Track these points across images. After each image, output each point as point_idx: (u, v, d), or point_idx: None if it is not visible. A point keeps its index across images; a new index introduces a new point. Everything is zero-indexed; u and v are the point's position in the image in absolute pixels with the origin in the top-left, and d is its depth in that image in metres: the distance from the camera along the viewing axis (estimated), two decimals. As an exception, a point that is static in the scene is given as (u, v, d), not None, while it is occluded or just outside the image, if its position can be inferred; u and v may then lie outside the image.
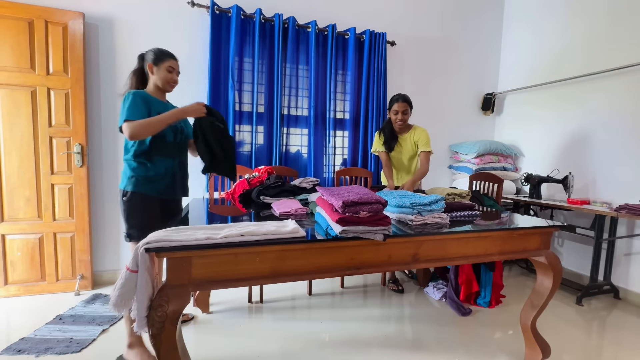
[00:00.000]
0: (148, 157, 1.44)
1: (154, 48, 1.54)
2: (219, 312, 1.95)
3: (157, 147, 1.46)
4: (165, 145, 1.49)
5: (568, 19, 2.77)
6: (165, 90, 1.55)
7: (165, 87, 1.53)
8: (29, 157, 2.05)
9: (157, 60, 1.50)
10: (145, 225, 1.39)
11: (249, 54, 2.52)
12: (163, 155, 1.48)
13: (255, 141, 2.54)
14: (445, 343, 1.70)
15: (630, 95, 2.33)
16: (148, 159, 1.44)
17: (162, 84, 1.51)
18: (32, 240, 2.09)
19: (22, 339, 1.60)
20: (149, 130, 1.35)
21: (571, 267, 2.72)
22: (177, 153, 1.57)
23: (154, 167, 1.45)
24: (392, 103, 2.20)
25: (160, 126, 1.37)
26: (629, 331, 1.90)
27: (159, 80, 1.51)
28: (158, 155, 1.47)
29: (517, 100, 3.25)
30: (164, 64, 1.50)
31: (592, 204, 2.34)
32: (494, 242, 1.28)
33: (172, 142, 1.52)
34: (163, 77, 1.51)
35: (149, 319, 0.89)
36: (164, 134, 1.47)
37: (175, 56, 1.57)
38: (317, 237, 1.03)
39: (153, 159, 1.46)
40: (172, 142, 1.52)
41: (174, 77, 1.55)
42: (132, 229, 1.43)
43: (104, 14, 2.23)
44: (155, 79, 1.51)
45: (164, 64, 1.50)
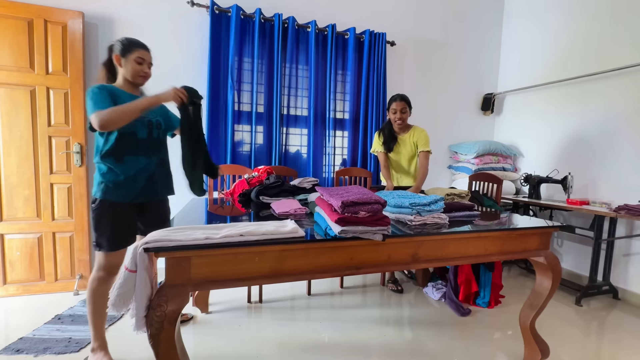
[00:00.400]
0: (117, 157, 1.33)
1: (122, 38, 1.40)
2: (218, 312, 1.95)
3: (127, 145, 1.34)
4: (136, 142, 1.37)
5: (568, 19, 2.77)
6: (136, 83, 1.42)
7: (135, 80, 1.40)
8: (28, 157, 2.05)
9: (125, 50, 1.37)
10: (114, 235, 1.34)
11: (248, 54, 2.52)
12: (134, 154, 1.37)
13: (254, 141, 2.54)
14: (445, 343, 1.70)
15: (629, 96, 2.33)
16: (117, 159, 1.33)
17: (131, 76, 1.38)
18: (31, 240, 2.09)
19: (21, 339, 1.60)
20: (121, 117, 1.23)
21: (570, 268, 2.72)
22: (154, 151, 1.45)
23: (123, 170, 1.34)
24: (391, 102, 2.22)
25: (133, 113, 1.25)
26: (627, 332, 1.90)
27: (127, 73, 1.38)
28: (129, 154, 1.35)
29: (517, 101, 3.25)
30: (132, 54, 1.37)
31: (592, 205, 2.35)
32: (494, 242, 1.28)
33: (144, 139, 1.40)
34: (132, 70, 1.38)
35: (147, 318, 0.89)
36: (134, 130, 1.36)
37: (146, 45, 1.43)
38: (316, 237, 1.03)
39: (123, 159, 1.34)
40: (144, 139, 1.40)
41: (144, 68, 1.41)
42: (101, 238, 1.34)
43: (104, 14, 2.23)
44: (124, 71, 1.38)
45: (131, 55, 1.37)
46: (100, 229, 1.34)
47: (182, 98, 1.35)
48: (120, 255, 1.38)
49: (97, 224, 1.34)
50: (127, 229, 1.40)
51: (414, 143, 2.24)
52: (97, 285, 1.35)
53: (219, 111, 2.46)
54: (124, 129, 1.32)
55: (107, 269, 1.35)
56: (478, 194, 2.39)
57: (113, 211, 1.34)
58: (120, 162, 1.34)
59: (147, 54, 1.42)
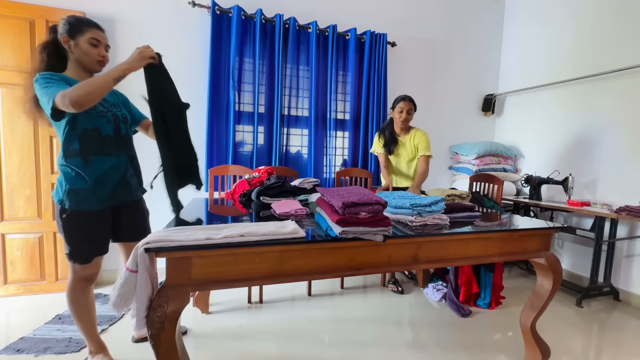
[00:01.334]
0: (83, 158, 1.19)
1: (68, 16, 1.20)
2: (218, 313, 1.95)
3: (92, 144, 1.20)
4: (101, 140, 1.22)
5: (568, 20, 2.77)
6: (92, 70, 1.24)
7: (91, 67, 1.22)
8: (29, 157, 2.05)
9: (74, 31, 1.16)
10: (89, 247, 1.25)
11: (249, 54, 2.52)
12: (101, 153, 1.22)
13: (255, 141, 2.54)
14: (445, 344, 1.70)
15: (631, 96, 2.33)
16: (83, 160, 1.19)
17: (87, 62, 1.20)
18: (32, 240, 2.09)
19: (21, 339, 1.60)
20: (96, 89, 1.06)
21: (571, 269, 2.72)
22: (123, 149, 1.31)
23: (90, 173, 1.20)
24: (398, 102, 2.20)
25: (107, 84, 1.08)
26: (629, 333, 1.90)
27: (80, 58, 1.19)
28: (94, 154, 1.21)
29: (518, 102, 3.25)
30: (84, 35, 1.17)
31: (593, 206, 2.34)
32: (494, 243, 1.28)
33: (111, 135, 1.25)
34: (85, 53, 1.18)
35: (148, 319, 0.89)
36: (98, 126, 1.21)
37: (99, 24, 1.23)
38: (317, 238, 1.03)
39: (88, 159, 1.19)
40: (111, 135, 1.25)
41: (101, 51, 1.22)
42: (74, 250, 1.23)
43: (105, 14, 2.23)
44: (76, 56, 1.19)
45: (83, 36, 1.17)
46: (72, 241, 1.23)
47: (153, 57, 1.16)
48: (97, 265, 1.31)
49: (68, 236, 1.22)
50: (102, 238, 1.30)
51: (415, 146, 2.24)
52: (77, 293, 1.29)
53: (220, 111, 2.46)
54: (86, 124, 1.18)
55: (86, 278, 1.29)
56: (479, 195, 2.39)
57: (86, 222, 1.23)
58: (85, 163, 1.19)
59: (101, 34, 1.23)
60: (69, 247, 1.24)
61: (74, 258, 1.25)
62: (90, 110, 1.18)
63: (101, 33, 1.24)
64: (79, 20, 1.20)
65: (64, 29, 1.18)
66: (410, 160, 2.28)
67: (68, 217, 1.21)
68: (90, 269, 1.29)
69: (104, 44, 1.25)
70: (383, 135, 2.29)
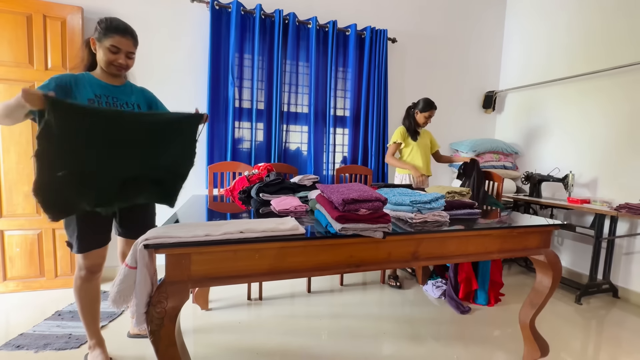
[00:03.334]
0: None
1: (105, 18, 1.24)
2: (218, 309, 1.95)
3: None
4: None
5: (570, 17, 2.75)
6: (109, 72, 1.27)
7: (108, 69, 1.26)
8: (27, 153, 2.04)
9: (101, 35, 1.22)
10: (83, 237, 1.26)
11: (249, 50, 2.50)
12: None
13: (255, 138, 2.53)
14: (444, 341, 1.70)
15: (632, 94, 2.32)
16: None
17: (104, 65, 1.25)
18: (31, 236, 2.08)
19: (21, 335, 1.60)
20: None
21: (570, 266, 2.72)
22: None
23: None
24: (429, 108, 2.40)
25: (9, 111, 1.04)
26: (627, 330, 1.90)
27: (101, 60, 1.24)
28: None
29: (518, 99, 3.24)
30: (107, 40, 1.22)
31: (592, 203, 2.34)
32: (494, 240, 1.28)
33: None
34: (104, 58, 1.23)
35: (147, 315, 0.89)
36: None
37: (128, 30, 1.25)
38: (316, 235, 1.03)
39: None
40: None
41: (119, 59, 1.25)
42: (71, 238, 1.27)
43: (103, 9, 2.21)
44: (99, 57, 1.24)
45: (107, 41, 1.22)
46: (69, 229, 1.27)
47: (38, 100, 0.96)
48: (98, 256, 1.32)
49: (66, 224, 1.27)
50: (98, 231, 1.31)
51: (430, 141, 2.57)
52: (81, 283, 1.31)
53: (219, 108, 2.45)
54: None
55: (88, 268, 1.31)
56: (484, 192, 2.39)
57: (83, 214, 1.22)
58: None
59: (124, 41, 1.24)
60: (68, 236, 1.28)
61: (70, 245, 1.28)
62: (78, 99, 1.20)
63: (124, 40, 1.25)
64: (108, 24, 1.23)
65: (96, 32, 1.23)
66: (426, 151, 2.54)
67: None
68: (91, 259, 1.30)
69: (125, 50, 1.26)
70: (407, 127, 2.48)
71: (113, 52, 1.23)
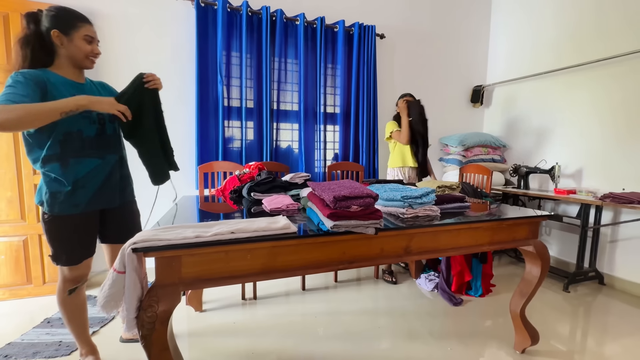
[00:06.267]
0: (62, 162, 1.13)
1: (53, 8, 1.12)
2: (212, 310, 1.94)
3: (72, 146, 1.14)
4: (82, 142, 1.16)
5: (555, 10, 2.79)
6: (83, 66, 1.19)
7: (83, 63, 1.18)
8: (9, 158, 1.98)
9: (67, 27, 1.12)
10: (72, 251, 1.21)
11: (236, 48, 2.47)
12: (81, 155, 1.17)
13: (245, 137, 2.50)
14: (438, 333, 1.73)
15: (616, 86, 2.38)
16: (62, 164, 1.13)
17: (79, 58, 1.16)
18: (16, 243, 2.03)
19: (9, 344, 1.56)
20: (31, 120, 0.98)
21: (558, 255, 2.79)
22: (109, 149, 1.26)
23: (69, 177, 1.15)
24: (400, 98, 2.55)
25: (49, 115, 1.01)
26: (613, 315, 1.97)
27: (74, 54, 1.14)
28: (74, 157, 1.15)
29: (505, 92, 3.28)
30: (78, 31, 1.13)
31: (578, 194, 2.40)
32: (484, 233, 1.30)
33: (93, 136, 1.20)
34: (80, 50, 1.14)
35: (138, 320, 0.87)
36: (80, 128, 1.15)
37: (88, 18, 1.19)
38: (308, 233, 1.03)
39: (68, 162, 1.14)
40: (93, 136, 1.20)
41: (95, 48, 1.18)
42: (57, 253, 1.21)
43: (84, 7, 2.13)
44: (69, 52, 1.14)
45: (78, 33, 1.13)
46: (55, 244, 1.20)
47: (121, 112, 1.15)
48: (85, 266, 1.28)
49: (51, 239, 1.19)
50: (86, 241, 1.26)
51: None
52: (66, 296, 1.26)
53: (208, 107, 2.41)
54: (68, 127, 1.12)
55: (73, 279, 1.26)
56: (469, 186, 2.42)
57: (67, 226, 1.19)
58: (65, 166, 1.14)
59: (93, 29, 1.19)
60: (52, 250, 1.22)
61: (57, 260, 1.22)
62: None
63: (92, 28, 1.20)
64: (70, 14, 1.14)
65: (52, 22, 1.11)
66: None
67: (49, 220, 1.18)
68: (77, 270, 1.26)
69: (96, 39, 1.21)
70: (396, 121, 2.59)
71: (89, 41, 1.16)
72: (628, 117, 2.31)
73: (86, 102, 1.08)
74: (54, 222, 1.18)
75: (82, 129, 1.17)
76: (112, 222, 1.35)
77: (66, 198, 1.17)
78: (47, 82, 1.10)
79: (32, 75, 1.07)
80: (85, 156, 1.19)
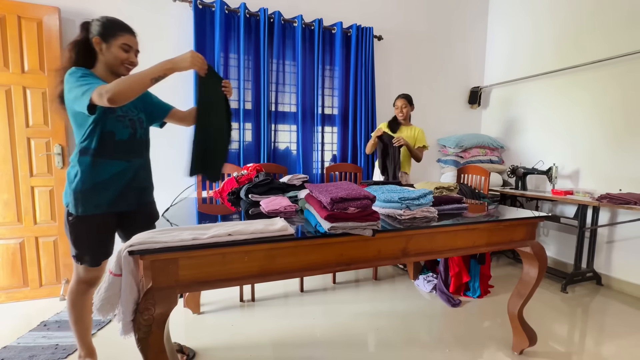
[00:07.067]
0: (92, 159, 1.18)
1: (102, 17, 1.20)
2: (209, 312, 1.93)
3: (104, 147, 1.18)
4: (114, 144, 1.20)
5: (552, 11, 2.81)
6: (118, 73, 1.23)
7: (118, 70, 1.22)
8: (5, 160, 1.97)
9: (107, 34, 1.17)
10: (95, 250, 1.25)
11: (234, 50, 2.47)
12: (110, 157, 1.20)
13: (243, 138, 2.50)
14: (436, 334, 1.73)
15: (613, 87, 2.39)
16: (92, 162, 1.18)
17: (114, 66, 1.20)
18: (13, 246, 2.01)
19: (5, 348, 1.55)
20: (133, 87, 1.06)
21: (556, 256, 2.80)
22: (137, 153, 1.29)
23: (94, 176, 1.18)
24: (395, 100, 2.54)
25: (144, 83, 1.08)
26: (611, 316, 1.97)
27: (110, 61, 1.19)
28: (103, 157, 1.19)
29: (503, 94, 3.30)
30: (117, 40, 1.18)
31: (575, 194, 2.41)
32: (481, 234, 1.30)
33: (125, 140, 1.23)
34: (116, 58, 1.19)
35: (135, 322, 0.87)
36: (112, 130, 1.19)
37: (132, 28, 1.24)
38: (306, 235, 1.03)
39: (96, 161, 1.18)
40: (125, 140, 1.23)
41: (131, 57, 1.23)
42: (81, 253, 1.24)
43: (81, 9, 2.14)
44: (106, 58, 1.19)
45: (116, 41, 1.18)
46: (78, 244, 1.23)
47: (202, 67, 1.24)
48: (101, 269, 1.31)
49: (75, 240, 1.23)
50: (107, 241, 1.29)
51: (414, 138, 2.51)
52: (78, 296, 1.29)
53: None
54: (104, 127, 1.17)
55: (88, 281, 1.29)
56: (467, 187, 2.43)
57: (90, 226, 1.22)
58: (93, 165, 1.18)
59: (133, 39, 1.23)
60: (76, 251, 1.24)
61: (80, 260, 1.25)
62: (110, 114, 1.18)
63: (133, 38, 1.24)
64: (113, 24, 1.20)
65: (97, 30, 1.17)
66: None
67: (73, 221, 1.21)
68: (94, 272, 1.29)
69: (135, 49, 1.25)
70: (389, 122, 2.57)
71: (125, 50, 1.21)
72: (624, 119, 2.32)
73: (170, 65, 1.13)
74: (77, 223, 1.21)
75: (115, 132, 1.21)
76: (129, 223, 1.35)
77: (89, 198, 1.19)
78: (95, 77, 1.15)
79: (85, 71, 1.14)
80: (114, 158, 1.22)
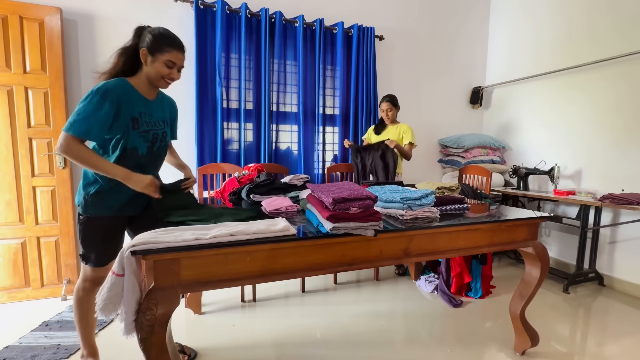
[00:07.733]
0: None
1: (155, 29, 1.20)
2: (211, 313, 1.93)
3: (125, 160, 1.20)
4: (136, 159, 1.23)
5: (553, 12, 2.81)
6: (157, 86, 1.26)
7: (158, 82, 1.24)
8: (7, 160, 1.97)
9: (155, 48, 1.18)
10: (103, 251, 1.26)
11: (235, 50, 2.47)
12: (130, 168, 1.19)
13: (244, 139, 2.50)
14: (438, 335, 1.73)
15: (614, 87, 2.38)
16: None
17: (154, 79, 1.22)
18: (15, 246, 2.02)
19: (7, 347, 1.55)
20: (83, 165, 1.10)
21: (558, 256, 2.79)
22: (152, 166, 1.33)
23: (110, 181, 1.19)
24: (380, 103, 2.55)
25: (96, 170, 1.11)
26: (613, 317, 1.96)
27: (151, 74, 1.21)
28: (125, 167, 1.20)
29: (504, 94, 3.29)
30: (163, 55, 1.18)
31: (577, 195, 2.40)
32: (484, 234, 1.29)
33: (144, 154, 1.25)
34: (157, 72, 1.20)
35: (137, 322, 0.87)
36: (136, 146, 1.21)
37: (182, 45, 1.25)
38: (308, 235, 1.02)
39: None
40: (144, 154, 1.25)
41: (173, 73, 1.24)
42: (88, 253, 1.25)
43: (83, 9, 2.15)
44: (148, 71, 1.20)
45: (162, 56, 1.18)
46: (87, 244, 1.25)
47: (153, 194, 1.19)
48: (107, 268, 1.30)
49: (83, 239, 1.25)
50: (116, 243, 1.32)
51: (400, 136, 2.50)
52: (84, 294, 1.30)
53: (207, 109, 2.41)
54: (128, 144, 1.19)
55: (94, 280, 1.29)
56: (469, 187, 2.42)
57: (100, 227, 1.24)
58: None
59: (180, 56, 1.24)
60: (83, 249, 1.26)
61: (87, 259, 1.27)
62: (134, 130, 1.20)
63: (180, 55, 1.24)
64: (164, 38, 1.20)
65: (146, 42, 1.18)
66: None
67: (84, 221, 1.23)
68: (100, 271, 1.29)
69: (179, 65, 1.25)
70: (375, 125, 2.62)
71: (169, 66, 1.21)
72: (626, 119, 2.31)
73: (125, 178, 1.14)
74: (91, 223, 1.23)
75: (138, 147, 1.23)
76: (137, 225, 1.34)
77: (102, 199, 1.22)
78: (123, 100, 1.15)
79: (113, 95, 1.12)
80: (134, 169, 1.20)
